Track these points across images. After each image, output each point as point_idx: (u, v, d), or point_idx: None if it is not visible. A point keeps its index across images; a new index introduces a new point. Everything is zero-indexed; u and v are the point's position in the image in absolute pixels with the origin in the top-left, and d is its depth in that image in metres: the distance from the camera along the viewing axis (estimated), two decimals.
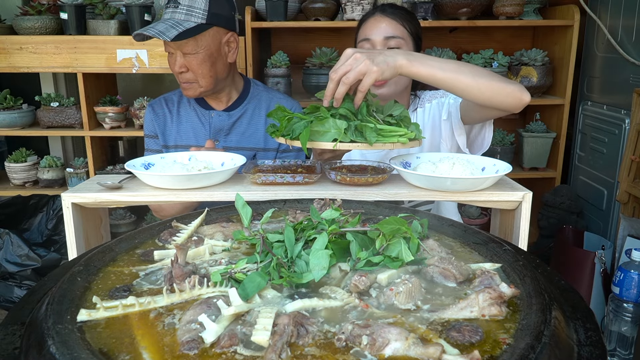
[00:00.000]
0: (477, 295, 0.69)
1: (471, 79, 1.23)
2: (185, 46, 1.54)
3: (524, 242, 1.15)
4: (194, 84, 1.60)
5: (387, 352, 0.59)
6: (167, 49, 1.59)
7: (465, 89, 1.25)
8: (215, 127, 1.70)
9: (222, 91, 1.70)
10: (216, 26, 1.57)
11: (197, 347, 0.60)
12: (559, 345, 0.61)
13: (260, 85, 1.80)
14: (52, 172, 3.00)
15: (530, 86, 2.86)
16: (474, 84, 1.24)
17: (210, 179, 1.21)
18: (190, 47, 1.55)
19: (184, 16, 1.52)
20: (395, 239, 0.81)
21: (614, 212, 2.55)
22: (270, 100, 1.75)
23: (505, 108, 1.31)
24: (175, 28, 1.50)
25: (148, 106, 1.77)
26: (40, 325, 0.64)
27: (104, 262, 0.85)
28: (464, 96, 1.30)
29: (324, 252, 0.76)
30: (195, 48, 1.55)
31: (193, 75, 1.58)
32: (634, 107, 2.24)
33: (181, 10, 1.52)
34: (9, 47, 2.71)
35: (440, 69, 1.21)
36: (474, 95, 1.27)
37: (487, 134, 1.59)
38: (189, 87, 1.62)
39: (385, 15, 1.56)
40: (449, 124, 1.60)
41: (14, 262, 2.63)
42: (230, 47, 1.64)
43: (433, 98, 1.67)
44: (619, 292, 1.88)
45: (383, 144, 1.14)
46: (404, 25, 1.56)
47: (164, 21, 1.53)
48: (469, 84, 1.24)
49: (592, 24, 2.78)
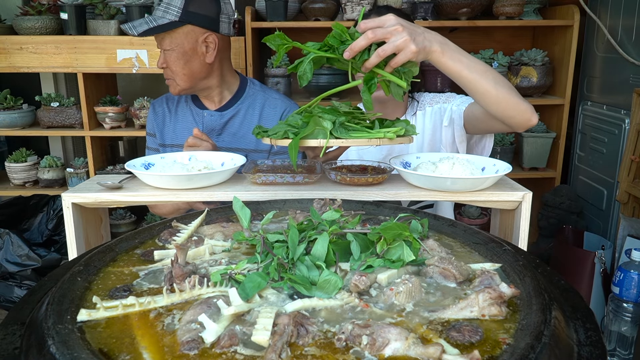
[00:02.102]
0: (477, 295, 0.69)
1: (493, 86, 1.21)
2: (162, 42, 1.59)
3: (524, 242, 1.15)
4: (172, 80, 1.64)
5: (387, 352, 0.59)
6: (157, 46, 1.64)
7: (485, 94, 1.22)
8: (208, 127, 1.70)
9: (210, 91, 1.70)
10: (191, 24, 1.57)
11: (197, 347, 0.60)
12: (559, 345, 0.61)
13: (257, 85, 1.79)
14: (52, 172, 3.01)
15: (530, 86, 2.86)
16: (494, 92, 1.22)
17: (210, 179, 1.21)
18: (166, 44, 1.59)
19: (161, 13, 1.56)
20: (396, 242, 0.81)
21: (614, 212, 2.55)
22: (265, 101, 1.73)
23: (513, 124, 1.30)
24: (148, 24, 1.54)
25: (151, 104, 1.79)
26: (40, 325, 0.64)
27: (104, 262, 0.85)
28: (479, 101, 1.27)
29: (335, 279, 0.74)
30: (170, 45, 1.59)
31: (170, 72, 1.62)
32: (634, 107, 2.24)
33: (160, 8, 1.57)
34: (9, 47, 2.71)
35: (467, 67, 1.18)
36: (490, 103, 1.25)
37: (488, 144, 1.59)
38: (169, 83, 1.66)
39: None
40: (451, 130, 1.58)
41: (14, 262, 2.63)
42: (209, 48, 1.62)
43: (435, 102, 1.65)
44: (618, 292, 1.88)
45: (369, 140, 1.13)
46: None
47: (144, 18, 1.58)
48: (490, 90, 1.21)
49: (592, 24, 2.78)
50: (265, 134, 1.20)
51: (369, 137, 1.13)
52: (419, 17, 2.76)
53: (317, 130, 1.12)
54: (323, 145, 1.12)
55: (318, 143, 1.12)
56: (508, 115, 1.27)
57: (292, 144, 1.10)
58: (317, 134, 1.13)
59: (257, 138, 1.23)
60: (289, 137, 1.14)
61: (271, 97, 1.75)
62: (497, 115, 1.29)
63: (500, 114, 1.28)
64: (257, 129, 1.25)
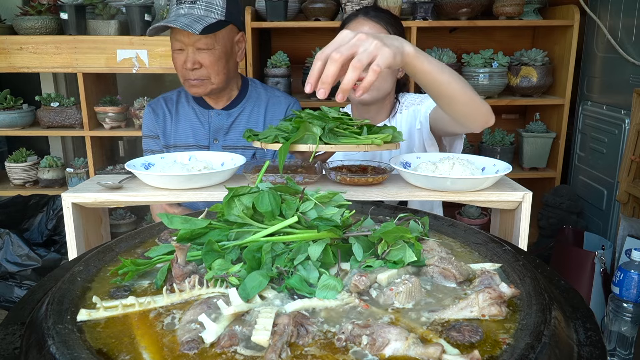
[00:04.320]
0: (477, 295, 0.69)
1: (460, 89, 1.17)
2: (201, 42, 1.54)
3: (524, 242, 1.15)
4: (206, 81, 1.60)
5: (387, 352, 0.59)
6: (176, 45, 1.57)
7: (452, 96, 1.18)
8: (215, 127, 1.71)
9: (225, 90, 1.70)
10: (231, 24, 1.59)
11: (197, 347, 0.60)
12: (559, 345, 0.61)
13: (258, 84, 1.81)
14: (52, 172, 3.00)
15: (530, 86, 2.86)
16: (461, 95, 1.17)
17: (210, 179, 1.21)
18: (206, 43, 1.54)
19: (203, 12, 1.52)
20: (398, 245, 0.81)
21: (614, 212, 2.55)
22: (269, 98, 1.75)
23: (474, 126, 1.27)
24: (199, 22, 1.49)
25: (147, 107, 1.76)
26: (40, 325, 0.64)
27: (104, 262, 0.85)
28: (444, 104, 1.23)
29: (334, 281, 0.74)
30: (213, 44, 1.55)
31: (206, 72, 1.58)
32: (634, 107, 2.24)
33: (200, 6, 1.52)
34: (9, 47, 2.71)
35: (439, 69, 1.13)
36: (455, 106, 1.21)
37: (458, 145, 1.58)
38: (199, 84, 1.60)
39: (369, 18, 1.52)
40: (421, 133, 1.56)
41: (14, 262, 2.63)
42: (240, 47, 1.66)
43: (410, 105, 1.62)
44: (618, 292, 1.88)
45: (357, 146, 1.14)
46: (387, 28, 1.51)
47: (183, 16, 1.51)
48: (458, 91, 1.17)
49: (592, 24, 2.78)
50: (256, 137, 1.22)
51: (357, 143, 1.15)
52: (418, 17, 2.76)
53: (307, 135, 1.14)
54: (312, 150, 1.13)
55: (308, 148, 1.14)
56: (471, 118, 1.24)
57: (282, 149, 1.12)
58: (307, 139, 1.15)
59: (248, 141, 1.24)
60: (279, 142, 1.16)
61: (274, 94, 1.78)
62: (459, 118, 1.26)
63: (463, 116, 1.25)
64: (247, 132, 1.26)
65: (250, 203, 0.83)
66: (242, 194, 0.84)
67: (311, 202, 0.85)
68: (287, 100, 1.76)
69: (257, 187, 0.86)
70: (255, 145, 1.21)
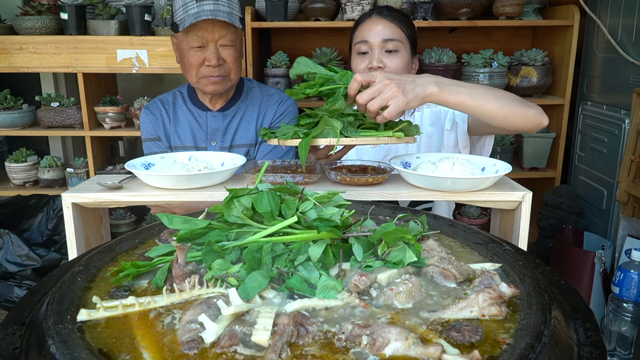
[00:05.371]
0: (477, 295, 0.69)
1: (497, 106, 1.24)
2: (226, 38, 1.54)
3: (524, 242, 1.15)
4: (226, 77, 1.59)
5: (387, 352, 0.59)
6: (196, 42, 1.54)
7: (491, 114, 1.25)
8: (212, 128, 1.70)
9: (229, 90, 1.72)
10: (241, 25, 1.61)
11: (197, 347, 0.60)
12: (559, 345, 0.61)
13: (254, 83, 1.80)
14: (52, 172, 3.00)
15: (530, 86, 2.86)
16: (500, 111, 1.24)
17: (210, 179, 1.21)
18: (231, 40, 1.55)
19: (227, 8, 1.53)
20: (398, 245, 0.81)
21: (614, 212, 2.55)
22: (263, 97, 1.75)
23: (524, 130, 1.34)
24: (231, 18, 1.50)
25: (144, 110, 1.74)
26: (40, 325, 0.64)
27: (104, 262, 0.85)
28: (488, 121, 1.30)
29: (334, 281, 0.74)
30: (235, 41, 1.56)
31: (228, 69, 1.58)
32: (634, 107, 2.24)
33: (223, 2, 1.52)
34: (9, 47, 2.71)
35: (469, 96, 1.20)
36: (499, 121, 1.28)
37: (487, 143, 1.59)
38: (220, 81, 1.59)
39: (383, 17, 1.55)
40: (454, 134, 1.57)
41: (14, 262, 2.63)
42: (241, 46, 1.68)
43: (433, 105, 1.63)
44: (618, 292, 1.88)
45: (377, 138, 1.16)
46: (401, 28, 1.55)
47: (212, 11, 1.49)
48: (495, 110, 1.24)
49: (592, 24, 2.78)
50: (273, 135, 1.22)
51: (377, 135, 1.16)
52: (418, 17, 2.76)
53: (327, 130, 1.14)
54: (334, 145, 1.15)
55: (329, 142, 1.15)
56: (519, 126, 1.31)
57: (302, 143, 1.12)
58: (327, 133, 1.15)
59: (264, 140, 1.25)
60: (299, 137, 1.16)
61: (267, 93, 1.78)
62: (506, 127, 1.32)
63: (510, 128, 1.32)
64: (263, 131, 1.26)
65: (249, 204, 0.83)
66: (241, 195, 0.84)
67: (310, 202, 0.85)
68: (280, 97, 1.75)
69: (256, 188, 0.86)
70: (272, 142, 1.21)
